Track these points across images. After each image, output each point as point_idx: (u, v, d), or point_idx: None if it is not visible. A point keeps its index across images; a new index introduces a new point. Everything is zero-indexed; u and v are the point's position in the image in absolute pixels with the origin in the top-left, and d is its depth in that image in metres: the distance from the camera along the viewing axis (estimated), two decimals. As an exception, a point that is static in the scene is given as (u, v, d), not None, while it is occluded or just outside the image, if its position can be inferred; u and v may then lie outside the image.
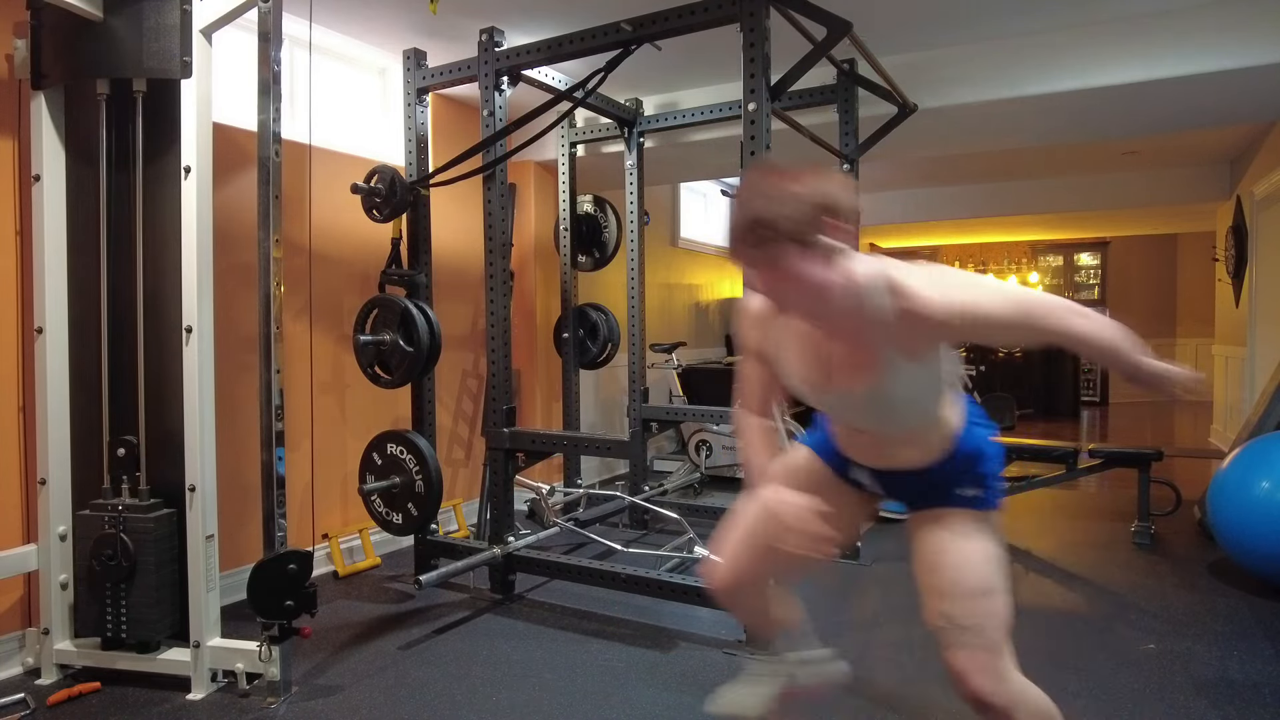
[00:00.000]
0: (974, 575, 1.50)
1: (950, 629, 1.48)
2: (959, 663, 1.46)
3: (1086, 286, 10.71)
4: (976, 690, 1.43)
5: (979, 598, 1.47)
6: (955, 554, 1.52)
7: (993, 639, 1.46)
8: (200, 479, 2.36)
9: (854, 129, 3.50)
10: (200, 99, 2.36)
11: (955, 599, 1.48)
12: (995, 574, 1.51)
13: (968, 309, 1.28)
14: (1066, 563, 3.57)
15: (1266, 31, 3.13)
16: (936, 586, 1.51)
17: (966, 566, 1.50)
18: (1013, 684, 1.47)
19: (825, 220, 1.25)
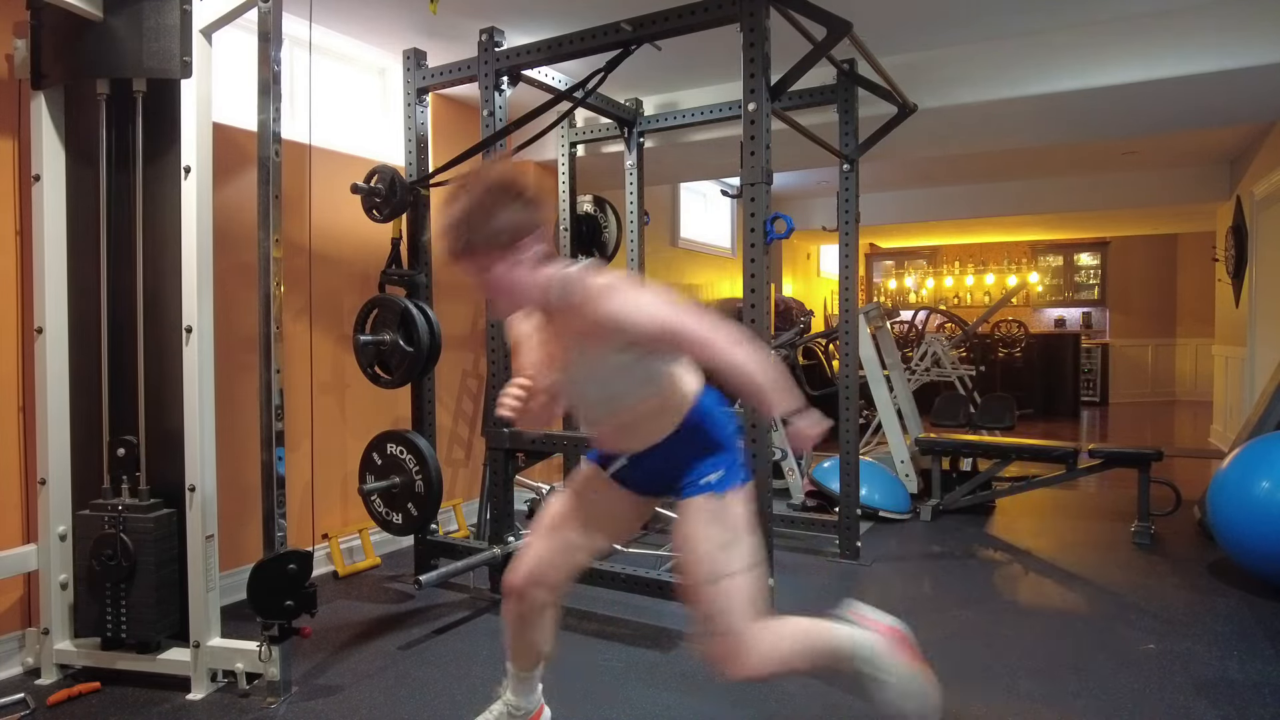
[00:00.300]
0: (709, 563, 1.60)
1: (693, 621, 1.62)
2: (707, 652, 1.60)
3: (1086, 286, 10.71)
4: (734, 674, 1.58)
5: (713, 584, 1.58)
6: (690, 544, 1.63)
7: (731, 620, 1.57)
8: (200, 479, 2.36)
9: (854, 129, 3.50)
10: (200, 99, 2.36)
11: (690, 590, 1.61)
12: (727, 558, 1.60)
13: (615, 313, 1.48)
14: (1066, 563, 3.57)
15: (1266, 31, 3.13)
16: (682, 571, 1.65)
17: (699, 556, 1.61)
18: (758, 654, 1.58)
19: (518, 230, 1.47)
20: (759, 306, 2.53)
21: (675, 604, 2.89)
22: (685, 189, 6.81)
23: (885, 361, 4.86)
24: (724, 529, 1.63)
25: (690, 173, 5.51)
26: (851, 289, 3.54)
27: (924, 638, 2.73)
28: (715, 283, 7.35)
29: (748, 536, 1.65)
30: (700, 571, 1.60)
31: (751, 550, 1.64)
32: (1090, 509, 4.60)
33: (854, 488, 3.58)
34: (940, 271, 11.29)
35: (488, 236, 1.46)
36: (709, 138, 4.23)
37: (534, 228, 1.50)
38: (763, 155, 2.51)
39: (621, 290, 1.49)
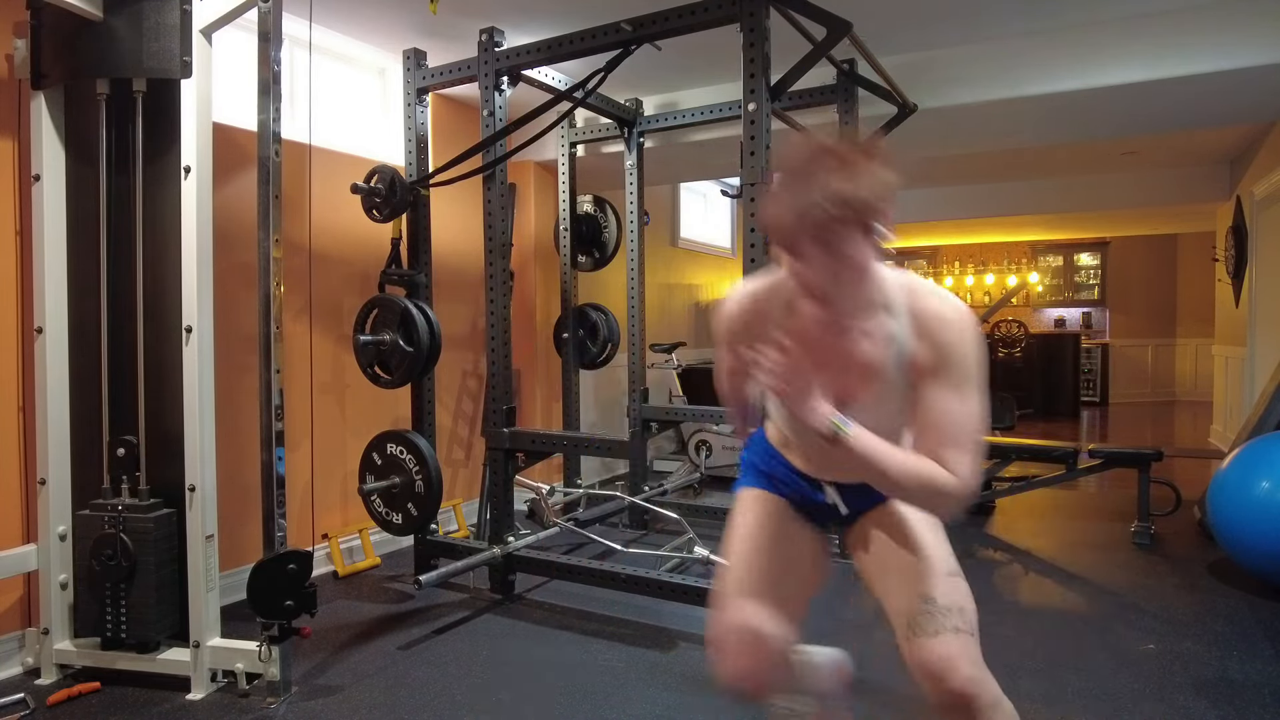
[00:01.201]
0: (944, 557, 1.40)
1: (933, 612, 1.32)
2: (942, 650, 1.29)
3: (1086, 287, 10.71)
4: (964, 681, 1.26)
5: (955, 578, 1.38)
6: (920, 539, 1.42)
7: (973, 622, 1.34)
8: (200, 479, 2.36)
9: (854, 129, 3.50)
10: (200, 99, 2.36)
11: (934, 580, 1.36)
12: (955, 559, 1.43)
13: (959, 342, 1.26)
14: (1066, 563, 3.57)
15: (1266, 31, 3.13)
16: (908, 573, 1.38)
17: (935, 549, 1.41)
18: (992, 678, 1.32)
19: (887, 210, 1.19)
20: (759, 306, 2.53)
21: (675, 604, 2.89)
22: (685, 189, 6.81)
23: (885, 361, 4.85)
24: (940, 533, 1.46)
25: (690, 173, 5.51)
26: (851, 289, 3.53)
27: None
28: (715, 283, 7.36)
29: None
30: (944, 563, 1.39)
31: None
32: (1090, 509, 4.59)
33: (854, 488, 3.57)
34: (940, 271, 11.29)
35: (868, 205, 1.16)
36: (709, 138, 4.23)
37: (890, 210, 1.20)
38: (763, 155, 2.51)
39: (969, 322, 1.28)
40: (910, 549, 1.41)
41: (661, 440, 5.85)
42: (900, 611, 1.37)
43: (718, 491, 4.97)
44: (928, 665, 1.29)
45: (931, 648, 1.29)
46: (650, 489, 4.23)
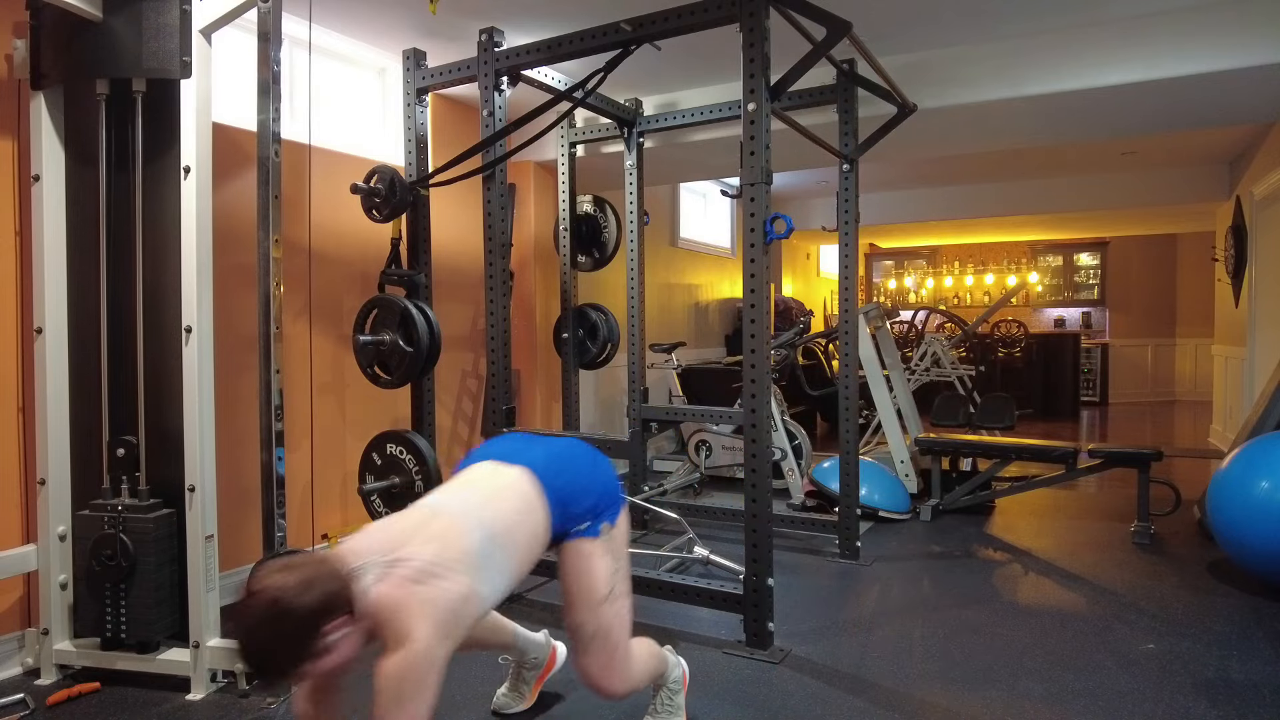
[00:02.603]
0: (599, 588, 1.77)
1: (580, 636, 1.78)
2: (589, 668, 1.79)
3: (1086, 287, 10.71)
4: (608, 689, 1.80)
5: (606, 604, 1.77)
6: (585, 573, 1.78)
7: (617, 639, 1.79)
8: (200, 479, 2.36)
9: (854, 129, 3.50)
10: (200, 99, 2.36)
11: (584, 609, 1.77)
12: (616, 582, 1.80)
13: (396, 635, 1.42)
14: (1066, 563, 3.57)
15: (1266, 31, 3.13)
16: (570, 601, 1.79)
17: (594, 580, 1.78)
18: (632, 671, 1.83)
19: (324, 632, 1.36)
20: (759, 306, 2.53)
21: (675, 604, 2.89)
22: (685, 189, 6.81)
23: (885, 361, 4.86)
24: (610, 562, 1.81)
25: (690, 173, 5.51)
26: (851, 289, 3.54)
27: (924, 637, 2.74)
28: (715, 283, 7.36)
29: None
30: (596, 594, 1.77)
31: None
32: (1090, 509, 4.60)
33: (854, 488, 3.58)
34: (940, 271, 11.30)
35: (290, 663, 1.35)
36: (709, 138, 4.22)
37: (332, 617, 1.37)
38: (762, 155, 2.51)
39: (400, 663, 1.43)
40: (574, 581, 1.78)
41: (661, 440, 5.85)
42: (569, 631, 1.81)
43: (718, 491, 4.97)
44: (582, 676, 1.81)
45: (582, 664, 1.80)
46: (650, 489, 4.23)
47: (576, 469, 1.81)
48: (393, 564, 1.45)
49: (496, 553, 1.58)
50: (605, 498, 1.82)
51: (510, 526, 1.63)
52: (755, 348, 2.54)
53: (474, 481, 1.72)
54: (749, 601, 2.60)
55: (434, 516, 1.57)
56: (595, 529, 1.79)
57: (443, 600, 1.45)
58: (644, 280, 4.17)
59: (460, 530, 1.54)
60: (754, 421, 2.55)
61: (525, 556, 1.66)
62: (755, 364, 2.54)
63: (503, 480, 1.71)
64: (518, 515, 1.66)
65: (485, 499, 1.65)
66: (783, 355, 5.07)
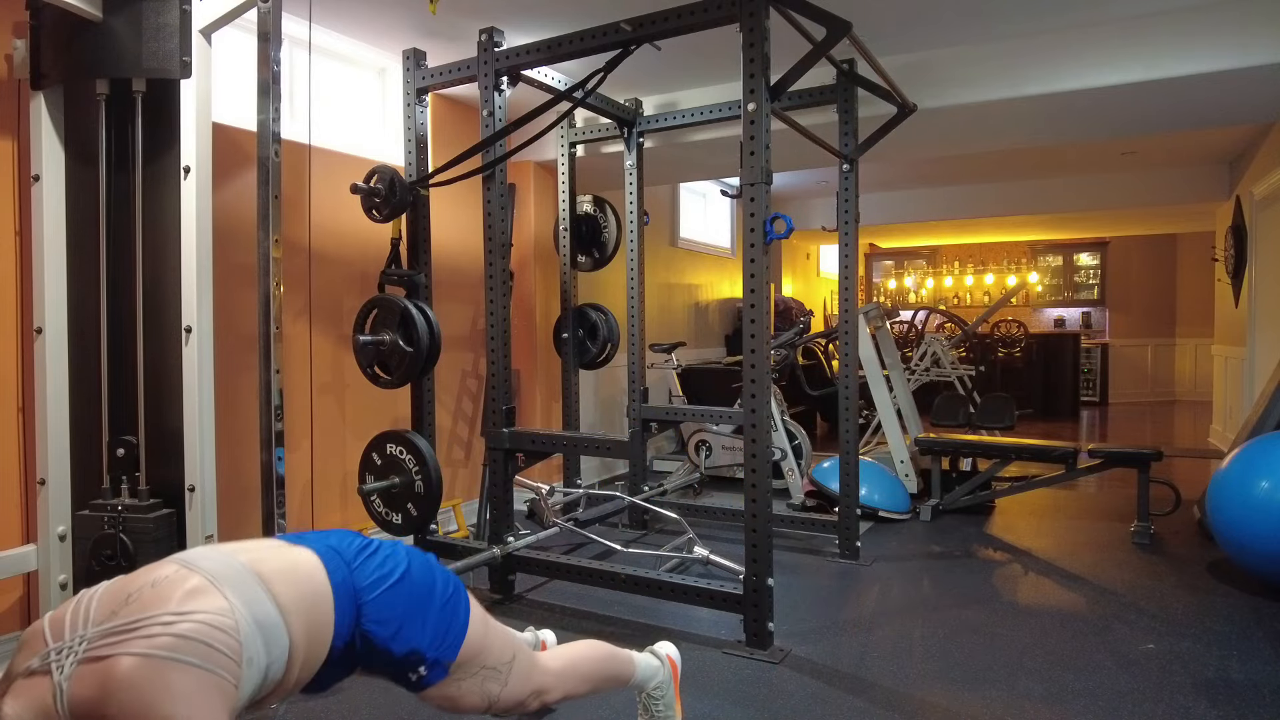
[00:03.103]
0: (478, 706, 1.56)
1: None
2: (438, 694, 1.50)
3: (1086, 287, 10.71)
4: None
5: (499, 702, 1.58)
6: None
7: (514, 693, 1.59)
8: (200, 479, 2.36)
9: (854, 129, 3.50)
10: (200, 99, 2.36)
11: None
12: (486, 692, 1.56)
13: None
14: (1066, 563, 3.57)
15: (1266, 31, 3.13)
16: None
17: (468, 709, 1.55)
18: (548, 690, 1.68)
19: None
20: (759, 306, 2.53)
21: (675, 604, 2.89)
22: (685, 189, 6.81)
23: (885, 361, 4.86)
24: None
25: (690, 173, 5.51)
26: (851, 289, 3.54)
27: (924, 637, 2.74)
28: (715, 283, 7.36)
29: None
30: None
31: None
32: (1090, 509, 4.60)
33: (853, 488, 3.58)
34: (940, 271, 11.30)
35: None
36: (709, 138, 4.22)
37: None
38: (762, 155, 2.51)
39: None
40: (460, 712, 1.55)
41: (661, 440, 5.85)
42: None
43: (718, 491, 4.97)
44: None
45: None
46: (650, 489, 4.23)
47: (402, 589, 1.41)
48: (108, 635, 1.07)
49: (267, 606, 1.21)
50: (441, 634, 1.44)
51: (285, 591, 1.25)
52: (755, 348, 2.54)
53: (247, 546, 1.33)
54: (749, 601, 2.60)
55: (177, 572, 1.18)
56: (441, 672, 1.46)
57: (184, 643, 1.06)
58: (644, 280, 4.17)
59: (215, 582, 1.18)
60: (754, 421, 2.55)
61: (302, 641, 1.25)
62: (755, 364, 2.54)
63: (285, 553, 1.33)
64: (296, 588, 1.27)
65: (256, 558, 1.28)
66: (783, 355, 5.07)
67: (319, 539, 1.41)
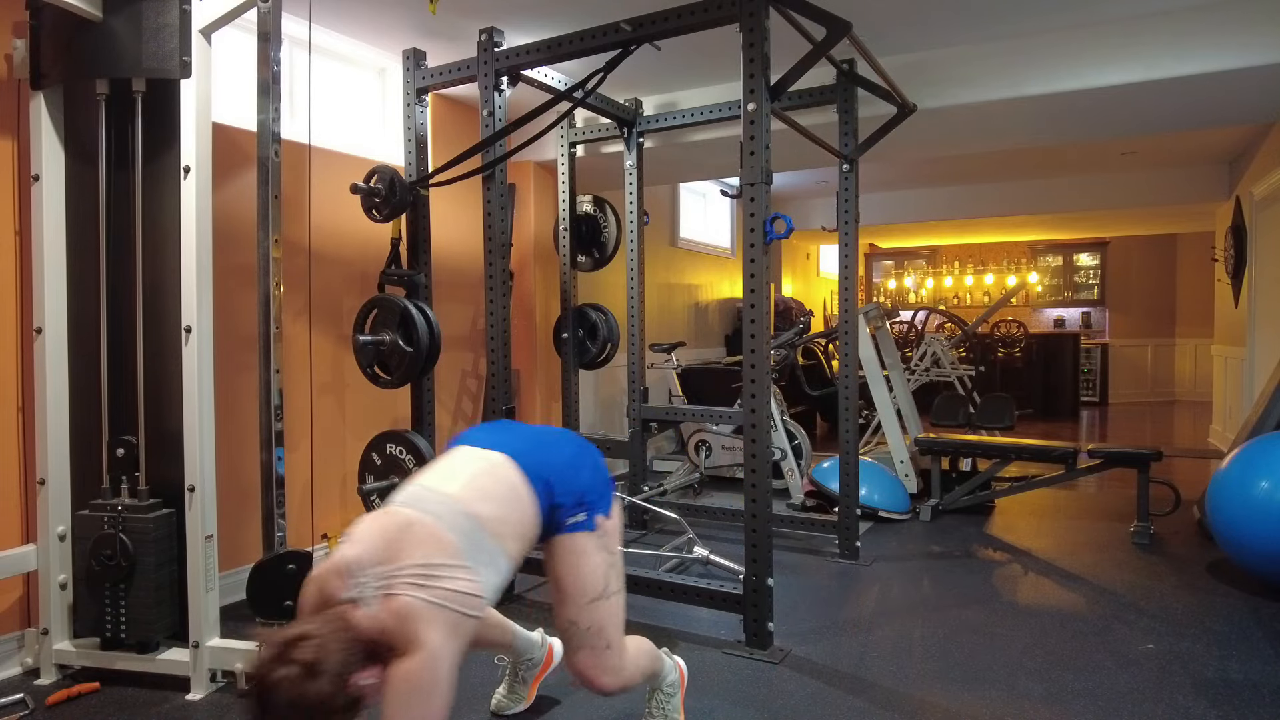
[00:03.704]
0: (593, 584, 1.74)
1: (574, 633, 1.74)
2: (583, 666, 1.75)
3: (1086, 287, 10.71)
4: (600, 686, 1.76)
5: (598, 602, 1.73)
6: (575, 569, 1.74)
7: (611, 636, 1.75)
8: (200, 479, 2.36)
9: (854, 129, 3.50)
10: (200, 99, 2.36)
11: (576, 606, 1.73)
12: (610, 580, 1.76)
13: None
14: (1066, 563, 3.57)
15: (1266, 31, 3.13)
16: (561, 597, 1.76)
17: (587, 578, 1.74)
18: (625, 668, 1.79)
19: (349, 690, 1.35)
20: (758, 306, 2.53)
21: (675, 604, 2.89)
22: (685, 189, 6.81)
23: (885, 361, 4.86)
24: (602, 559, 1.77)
25: (690, 173, 5.51)
26: (851, 289, 3.54)
27: (924, 637, 2.74)
28: (714, 283, 7.36)
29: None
30: (589, 591, 1.74)
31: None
32: (1090, 509, 4.60)
33: (853, 488, 3.58)
34: (940, 271, 11.30)
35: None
36: (709, 138, 4.22)
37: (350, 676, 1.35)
38: (762, 155, 2.51)
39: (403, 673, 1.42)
40: (567, 577, 1.74)
41: (661, 440, 5.85)
42: (560, 628, 1.78)
43: (717, 491, 4.97)
44: (575, 673, 1.78)
45: (575, 661, 1.76)
46: (650, 489, 4.23)
47: (563, 456, 1.75)
48: (390, 577, 1.44)
49: (485, 544, 1.55)
50: (596, 488, 1.75)
51: (496, 517, 1.58)
52: (755, 348, 2.54)
53: (454, 473, 1.64)
54: (749, 601, 2.60)
55: (418, 519, 1.51)
56: (589, 523, 1.73)
57: (446, 600, 1.44)
58: (644, 280, 4.17)
59: (446, 528, 1.51)
60: (754, 421, 2.55)
61: (516, 547, 1.63)
62: (755, 364, 2.54)
63: (483, 467, 1.66)
64: (503, 505, 1.61)
65: (466, 490, 1.59)
66: (783, 355, 5.07)
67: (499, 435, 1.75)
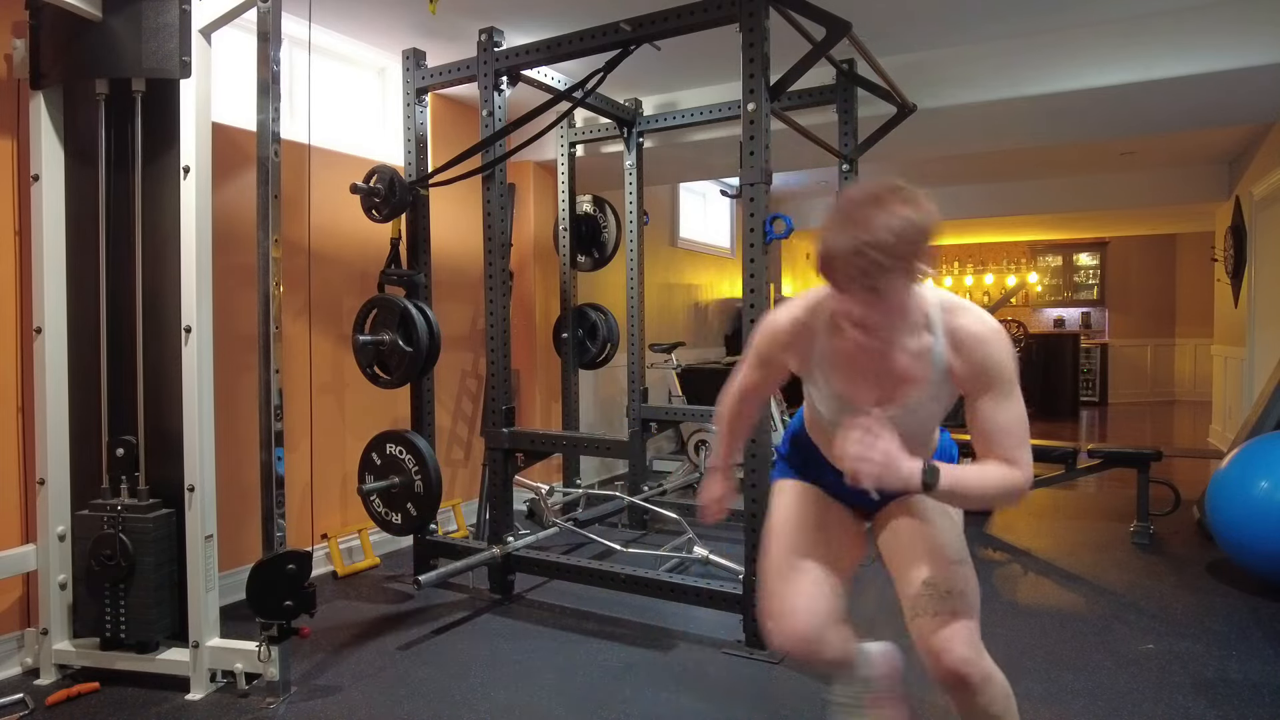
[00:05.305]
0: (953, 545, 1.54)
1: (934, 595, 1.48)
2: (941, 631, 1.44)
3: (1085, 287, 10.71)
4: (957, 661, 1.41)
5: (959, 565, 1.51)
6: (933, 529, 1.56)
7: (973, 604, 1.48)
8: (199, 479, 2.36)
9: (853, 129, 3.50)
10: (199, 99, 2.36)
11: (939, 566, 1.50)
12: (965, 547, 1.57)
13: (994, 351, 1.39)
14: (1066, 563, 3.57)
15: (1266, 31, 3.13)
16: (917, 558, 1.53)
17: (945, 537, 1.55)
18: (987, 657, 1.46)
19: (929, 251, 1.31)
20: (758, 306, 2.53)
21: (675, 604, 2.89)
22: (684, 189, 6.81)
23: (885, 361, 4.85)
24: (954, 522, 1.61)
25: (690, 173, 5.51)
26: (851, 289, 3.53)
27: (923, 638, 2.74)
28: (714, 283, 7.35)
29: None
30: (952, 551, 1.53)
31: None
32: (1089, 509, 4.60)
33: (853, 488, 3.57)
34: (939, 271, 11.30)
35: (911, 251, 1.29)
36: (708, 138, 4.22)
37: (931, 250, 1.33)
38: (762, 155, 2.51)
39: (999, 331, 1.42)
40: (923, 537, 1.54)
41: (661, 440, 5.85)
42: (909, 593, 1.51)
43: (717, 491, 4.96)
44: (927, 643, 1.45)
45: (931, 628, 1.45)
46: (649, 489, 4.23)
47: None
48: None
49: None
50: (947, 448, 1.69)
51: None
52: (755, 348, 2.54)
53: None
54: (748, 601, 2.60)
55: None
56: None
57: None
58: (644, 280, 4.17)
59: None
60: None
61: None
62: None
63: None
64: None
65: None
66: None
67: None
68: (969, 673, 1.41)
